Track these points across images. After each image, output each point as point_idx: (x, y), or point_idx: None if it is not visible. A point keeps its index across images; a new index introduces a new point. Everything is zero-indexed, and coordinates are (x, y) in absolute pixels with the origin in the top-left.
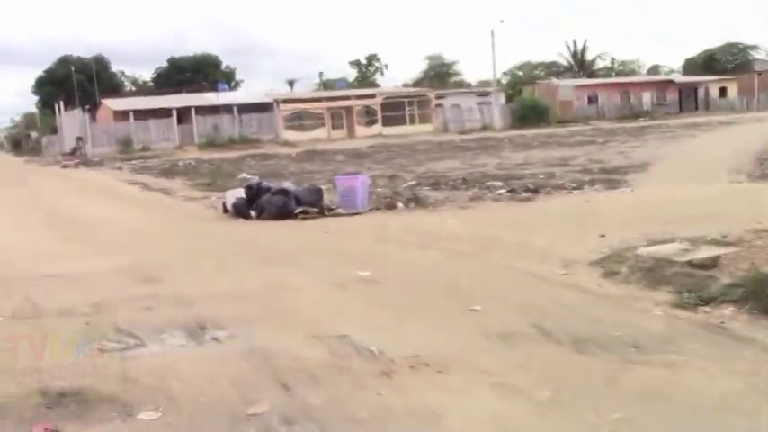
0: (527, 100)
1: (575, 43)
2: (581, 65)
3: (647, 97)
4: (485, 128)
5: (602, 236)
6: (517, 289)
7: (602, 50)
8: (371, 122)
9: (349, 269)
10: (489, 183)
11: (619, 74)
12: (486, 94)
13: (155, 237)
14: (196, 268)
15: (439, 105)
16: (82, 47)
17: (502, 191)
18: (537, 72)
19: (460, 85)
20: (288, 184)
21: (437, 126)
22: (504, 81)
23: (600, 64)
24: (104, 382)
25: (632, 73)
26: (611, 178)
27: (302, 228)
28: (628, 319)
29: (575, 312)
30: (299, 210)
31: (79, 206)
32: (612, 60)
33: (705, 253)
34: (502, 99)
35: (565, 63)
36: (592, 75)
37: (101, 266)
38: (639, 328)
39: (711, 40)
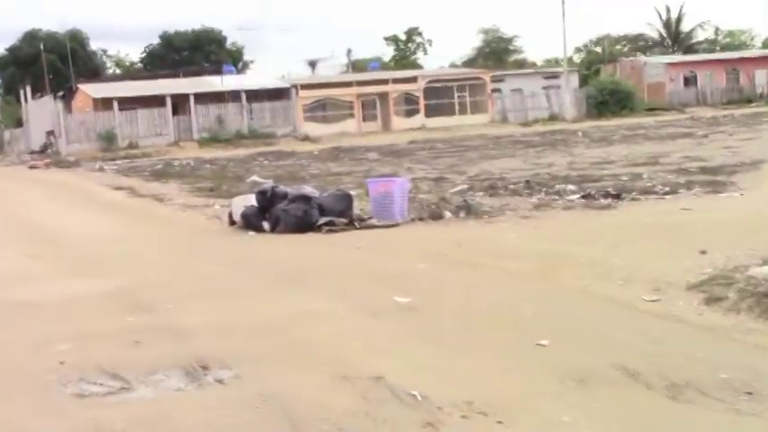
0: (606, 82)
1: (668, 10)
2: (675, 37)
3: (761, 77)
4: (553, 118)
5: (703, 252)
6: (594, 319)
7: (702, 18)
8: (412, 112)
9: (385, 294)
10: (559, 186)
11: (725, 48)
12: (555, 75)
13: (145, 254)
14: (196, 293)
15: (495, 91)
16: (53, 20)
17: (574, 196)
18: (619, 48)
19: (522, 65)
20: (309, 190)
21: (493, 116)
22: (576, 59)
23: (700, 35)
24: None
25: (742, 47)
26: (714, 180)
27: (327, 243)
28: (737, 358)
29: (668, 349)
30: (322, 221)
31: (52, 216)
32: (716, 31)
33: None
34: (574, 82)
35: (655, 35)
36: (689, 50)
37: (79, 291)
38: (752, 369)
39: None
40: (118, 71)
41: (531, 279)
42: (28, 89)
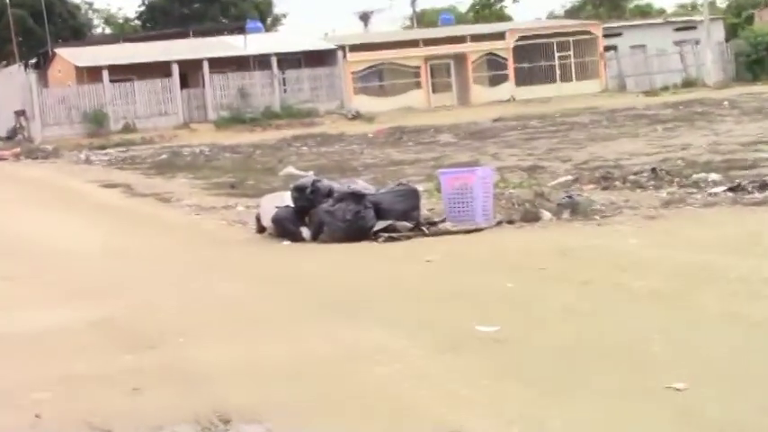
0: (763, 34)
1: None
2: None
3: None
4: (688, 84)
5: None
6: (748, 354)
7: None
8: (498, 80)
9: (463, 322)
10: (697, 176)
11: None
12: (691, 26)
13: (147, 273)
14: (215, 323)
15: (610, 48)
16: None
17: (719, 189)
18: None
19: (646, 13)
20: (362, 185)
21: (607, 83)
22: (721, 4)
23: None
24: None
25: None
26: None
27: (386, 255)
28: None
29: None
30: (380, 226)
31: (26, 224)
32: None
33: None
34: (718, 34)
35: None
36: None
37: (62, 321)
38: None
39: None
40: (108, 31)
41: (660, 300)
42: None
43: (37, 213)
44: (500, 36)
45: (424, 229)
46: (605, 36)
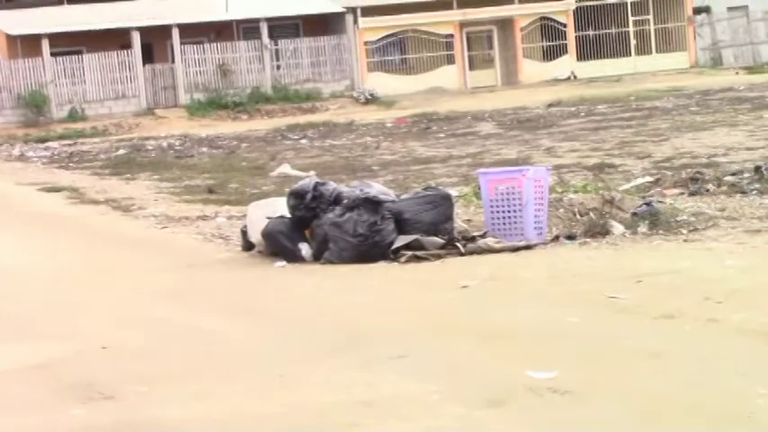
0: None
1: None
2: None
3: None
4: None
5: None
6: None
7: None
8: (554, 53)
9: (512, 366)
10: None
11: None
12: None
13: (102, 303)
14: (189, 368)
15: (701, 11)
16: None
17: None
18: None
19: None
20: (378, 189)
21: (696, 56)
22: None
23: None
24: None
25: None
26: None
27: (410, 279)
28: None
29: None
30: (401, 242)
31: None
32: None
33: None
34: None
35: None
36: None
37: None
38: None
39: None
40: None
41: (767, 342)
42: None
43: None
44: None
45: (458, 245)
46: None
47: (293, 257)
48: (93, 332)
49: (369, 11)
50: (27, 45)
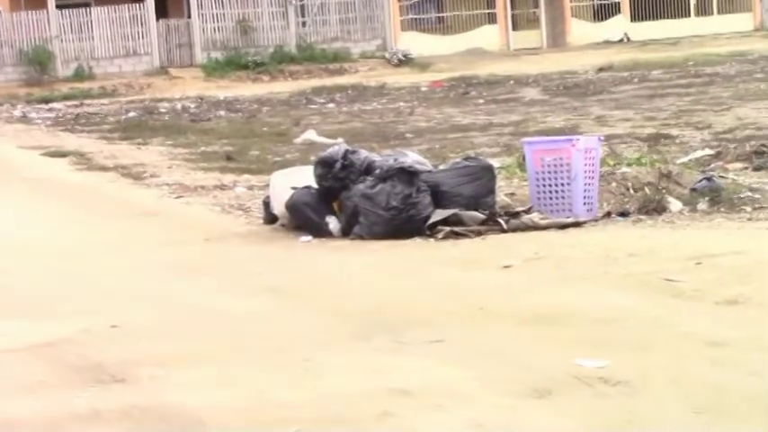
0: None
1: None
2: None
3: None
4: None
5: None
6: None
7: None
8: (606, 12)
9: (559, 353)
10: None
11: None
12: None
13: (111, 279)
14: (208, 350)
15: None
16: None
17: None
18: None
19: None
20: (414, 158)
21: (762, 18)
22: None
23: None
24: None
25: None
26: None
27: (447, 257)
28: None
29: None
30: (438, 216)
31: None
32: None
33: None
34: None
35: None
36: None
37: None
38: None
39: None
40: None
41: None
42: None
43: None
44: None
45: (500, 221)
46: None
47: (320, 232)
48: (101, 310)
49: None
50: None
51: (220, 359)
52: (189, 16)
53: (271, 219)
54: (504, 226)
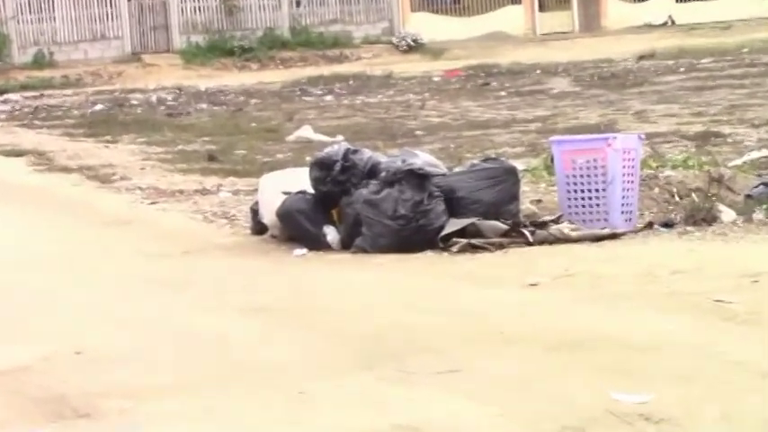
0: None
1: None
2: None
3: None
4: None
5: None
6: None
7: None
8: None
9: (593, 386)
10: None
11: None
12: None
13: (77, 296)
14: (184, 380)
15: None
16: None
17: None
18: None
19: None
20: (425, 159)
21: None
22: None
23: None
24: None
25: None
26: None
27: (464, 274)
28: None
29: None
30: (453, 226)
31: None
32: None
33: None
34: None
35: None
36: None
37: None
38: None
39: None
40: None
41: None
42: None
43: None
44: None
45: (525, 232)
46: None
47: (316, 244)
48: (64, 333)
49: None
50: None
51: (201, 390)
52: None
53: (259, 229)
54: (530, 238)
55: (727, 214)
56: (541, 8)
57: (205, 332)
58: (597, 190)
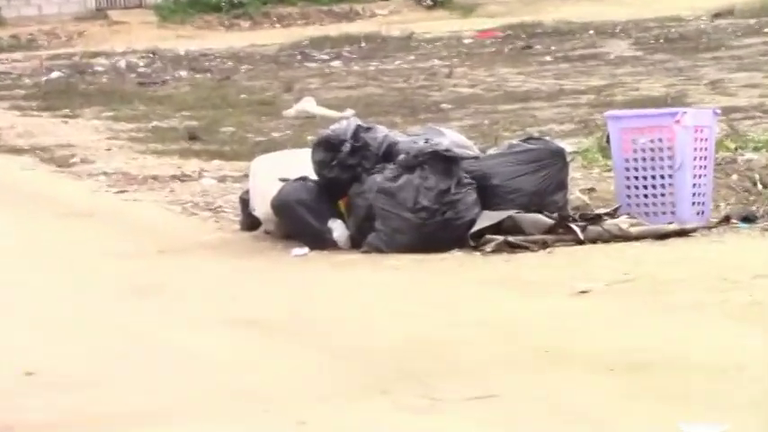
0: None
1: None
2: None
3: None
4: None
5: None
6: None
7: None
8: None
9: (656, 413)
10: None
11: None
12: None
13: (29, 305)
14: (161, 406)
15: None
16: None
17: None
18: None
19: None
20: (453, 139)
21: None
22: None
23: None
24: None
25: None
26: None
27: (498, 278)
28: None
29: None
30: (486, 221)
31: None
32: None
33: None
34: None
35: None
36: None
37: None
38: None
39: None
40: None
41: None
42: None
43: None
44: None
45: (574, 228)
46: None
47: (320, 241)
48: (14, 350)
49: None
50: None
51: (181, 419)
52: None
53: (251, 223)
54: (580, 235)
55: None
56: None
57: (185, 350)
58: (663, 176)
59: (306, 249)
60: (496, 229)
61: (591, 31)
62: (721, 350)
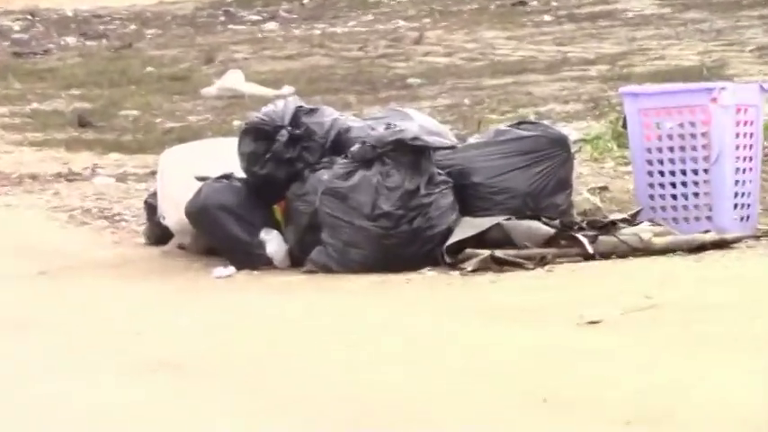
0: None
1: None
2: None
3: None
4: None
5: None
6: None
7: None
8: None
9: None
10: None
11: None
12: None
13: None
14: None
15: None
16: None
17: None
18: None
19: None
20: (422, 124)
21: None
22: None
23: None
24: None
25: None
26: None
27: (484, 306)
28: None
29: None
30: (464, 232)
31: None
32: None
33: None
34: None
35: None
36: None
37: None
38: None
39: None
40: None
41: None
42: None
43: None
44: None
45: (581, 239)
46: None
47: (249, 258)
48: None
49: None
50: None
51: None
52: None
53: (160, 234)
54: (589, 248)
55: None
56: None
57: (75, 402)
58: (695, 171)
59: (231, 269)
60: (480, 240)
61: None
62: (761, 400)
